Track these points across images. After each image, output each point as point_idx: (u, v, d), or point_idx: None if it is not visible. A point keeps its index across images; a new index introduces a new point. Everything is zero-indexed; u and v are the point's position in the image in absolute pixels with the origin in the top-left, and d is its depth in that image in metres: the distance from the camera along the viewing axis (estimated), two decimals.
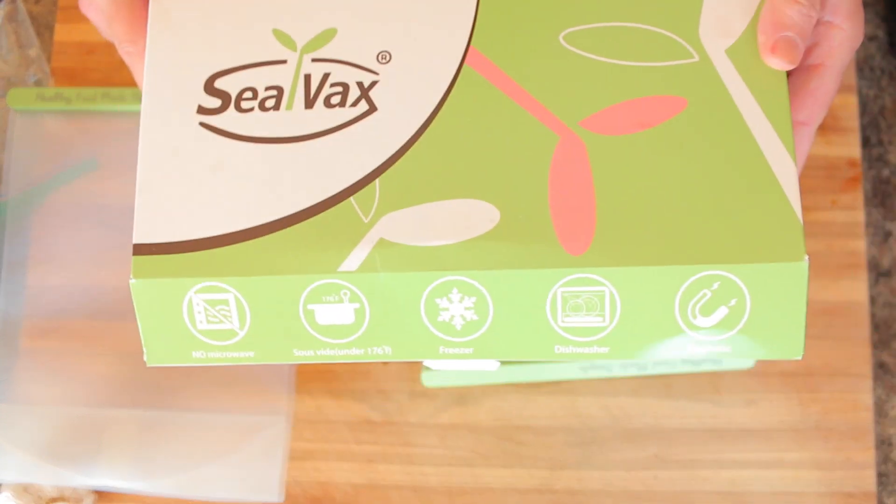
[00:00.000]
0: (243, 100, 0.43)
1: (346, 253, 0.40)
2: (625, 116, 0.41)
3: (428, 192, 0.41)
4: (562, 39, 0.42)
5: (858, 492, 0.61)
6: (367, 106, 0.42)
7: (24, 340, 0.64)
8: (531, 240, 0.39)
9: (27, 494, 0.61)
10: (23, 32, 0.69)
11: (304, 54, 0.43)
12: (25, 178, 0.66)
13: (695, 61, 0.41)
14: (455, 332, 0.41)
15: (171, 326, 0.41)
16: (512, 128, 0.41)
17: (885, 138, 0.68)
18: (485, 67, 0.42)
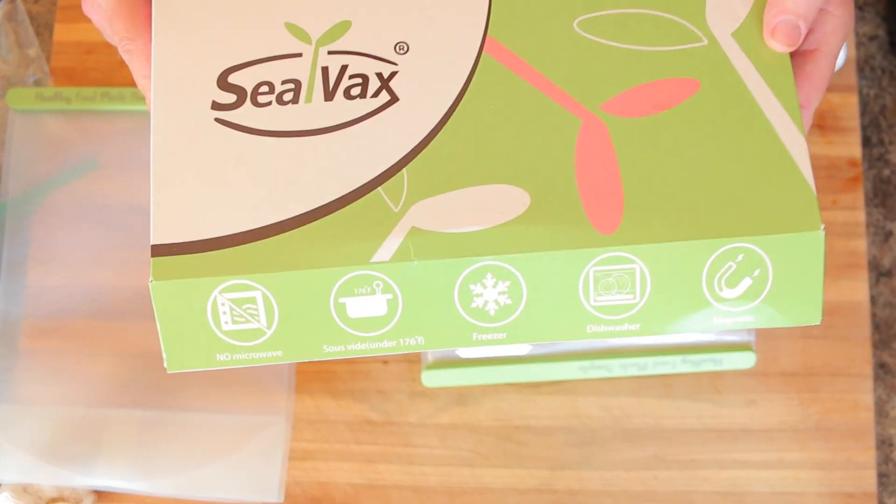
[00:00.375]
0: (260, 94, 0.43)
1: (378, 243, 0.40)
2: (642, 99, 0.42)
3: (457, 179, 0.41)
4: (576, 26, 0.44)
5: (859, 492, 0.61)
6: (388, 96, 0.42)
7: (24, 340, 0.64)
8: (563, 221, 0.40)
9: (27, 494, 0.61)
10: (22, 32, 0.69)
11: (320, 47, 0.43)
12: (25, 178, 0.66)
13: (704, 45, 0.43)
14: (489, 318, 0.41)
15: (194, 329, 0.40)
16: (535, 113, 0.42)
17: (885, 138, 0.68)
18: (503, 55, 0.43)
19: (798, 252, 0.40)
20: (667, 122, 0.42)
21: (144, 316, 0.64)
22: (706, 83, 0.42)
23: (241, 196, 0.41)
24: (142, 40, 0.44)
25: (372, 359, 0.63)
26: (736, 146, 0.41)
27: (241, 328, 0.40)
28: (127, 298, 0.64)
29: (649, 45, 0.43)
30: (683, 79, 0.43)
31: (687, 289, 0.40)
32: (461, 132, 0.42)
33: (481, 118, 0.42)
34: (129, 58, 0.45)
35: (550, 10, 0.44)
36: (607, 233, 0.40)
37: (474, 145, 0.41)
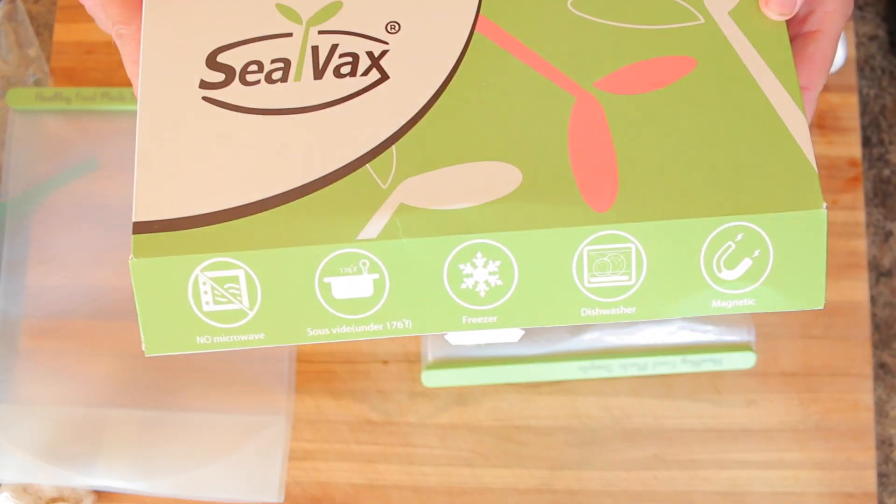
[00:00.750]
0: (248, 73, 0.42)
1: (365, 220, 0.39)
2: (638, 77, 0.42)
3: (447, 156, 0.40)
4: (570, 5, 0.43)
5: (859, 492, 0.61)
6: (378, 74, 0.42)
7: (24, 340, 0.64)
8: (555, 199, 0.39)
9: (27, 494, 0.61)
10: (22, 32, 0.69)
11: (311, 27, 0.43)
12: (25, 178, 0.66)
13: (700, 23, 0.43)
14: (479, 300, 0.40)
15: (175, 309, 0.39)
16: (527, 90, 0.41)
17: (885, 138, 0.68)
18: (495, 34, 0.43)
19: (799, 231, 0.39)
20: (663, 99, 0.41)
21: None
22: (703, 61, 0.42)
23: (225, 173, 0.40)
24: (134, 25, 0.44)
25: (372, 359, 0.63)
26: (734, 124, 0.41)
27: (223, 309, 0.39)
28: (127, 298, 0.64)
29: (645, 24, 0.43)
30: (680, 57, 0.42)
31: (684, 270, 0.39)
32: (452, 109, 0.41)
33: (473, 96, 0.41)
34: (121, 42, 0.45)
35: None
36: (602, 210, 0.39)
37: (465, 122, 0.41)
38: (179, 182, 0.40)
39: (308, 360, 0.63)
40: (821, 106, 0.67)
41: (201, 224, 0.39)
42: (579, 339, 0.62)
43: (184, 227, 0.39)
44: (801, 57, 0.44)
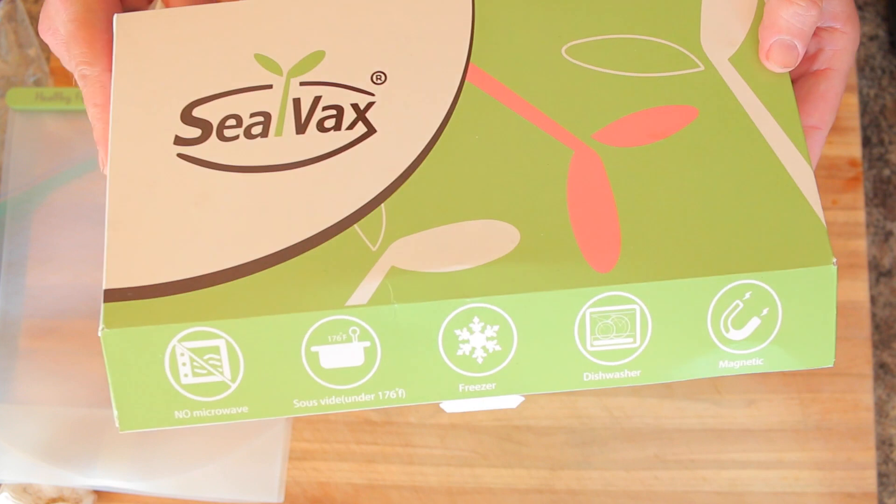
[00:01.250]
0: (226, 128, 0.40)
1: (354, 285, 0.37)
2: (637, 127, 0.40)
3: (440, 215, 0.38)
4: (564, 53, 0.41)
5: (859, 492, 0.61)
6: (364, 128, 0.40)
7: (24, 340, 0.64)
8: (556, 259, 0.37)
9: (27, 494, 0.60)
10: (22, 32, 0.69)
11: (292, 78, 0.41)
12: (25, 177, 0.66)
13: (700, 70, 0.41)
14: (476, 367, 0.38)
15: (150, 383, 0.37)
16: (523, 144, 0.39)
17: (885, 138, 0.68)
18: (487, 84, 0.41)
19: (809, 288, 0.37)
20: (664, 151, 0.39)
21: None
22: (704, 110, 0.40)
23: (203, 236, 0.38)
24: (99, 66, 0.43)
25: None
26: (738, 176, 0.39)
27: (203, 381, 0.37)
28: None
29: (643, 72, 0.41)
30: (680, 106, 0.40)
31: (691, 331, 0.38)
32: (444, 165, 0.39)
33: (465, 150, 0.39)
34: (84, 83, 0.43)
35: (537, 37, 0.42)
36: (604, 271, 0.37)
37: (458, 178, 0.39)
38: (154, 246, 0.38)
39: None
40: None
41: (178, 291, 0.37)
42: None
43: (159, 295, 0.37)
44: (814, 95, 0.43)
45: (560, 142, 0.40)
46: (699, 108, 0.40)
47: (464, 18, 0.42)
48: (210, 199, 0.39)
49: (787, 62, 0.41)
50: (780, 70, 0.41)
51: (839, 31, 0.44)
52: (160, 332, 0.36)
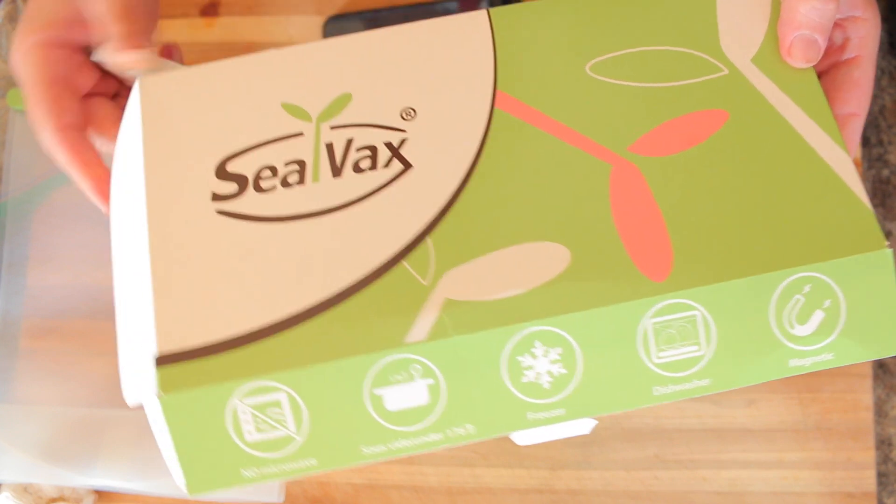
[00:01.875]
0: (262, 179, 0.40)
1: (410, 322, 0.36)
2: (671, 136, 0.40)
3: (487, 242, 0.38)
4: (589, 70, 0.41)
5: (858, 492, 0.61)
6: (401, 165, 0.40)
7: (25, 340, 0.64)
8: (609, 274, 0.37)
9: (27, 494, 0.60)
10: None
11: (322, 123, 0.41)
12: (25, 177, 0.66)
13: (724, 74, 0.41)
14: (543, 393, 0.37)
15: (214, 443, 0.36)
16: (560, 164, 0.39)
17: (885, 138, 0.68)
18: (517, 108, 0.41)
19: (866, 274, 0.37)
20: (701, 155, 0.39)
21: None
22: (734, 112, 0.40)
23: (253, 290, 0.37)
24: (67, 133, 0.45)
25: None
26: (778, 172, 0.39)
27: (267, 437, 0.36)
28: None
29: (668, 81, 0.41)
30: (710, 111, 0.40)
31: (755, 331, 0.37)
32: (484, 192, 0.39)
33: (504, 175, 0.39)
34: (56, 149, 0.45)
35: (560, 57, 0.42)
36: (660, 280, 0.37)
37: (501, 204, 0.39)
38: (203, 305, 0.37)
39: None
40: None
41: (233, 347, 0.36)
42: None
43: (214, 354, 0.36)
44: (849, 84, 0.44)
45: (597, 158, 0.40)
46: (729, 110, 0.40)
47: (485, 46, 0.42)
48: (255, 253, 0.38)
49: (810, 57, 0.41)
50: (803, 65, 0.42)
51: (861, 18, 0.44)
52: (219, 391, 0.36)
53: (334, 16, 0.68)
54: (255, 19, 0.69)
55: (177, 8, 0.69)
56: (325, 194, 0.39)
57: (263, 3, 0.69)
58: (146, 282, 0.38)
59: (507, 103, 0.41)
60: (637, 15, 0.43)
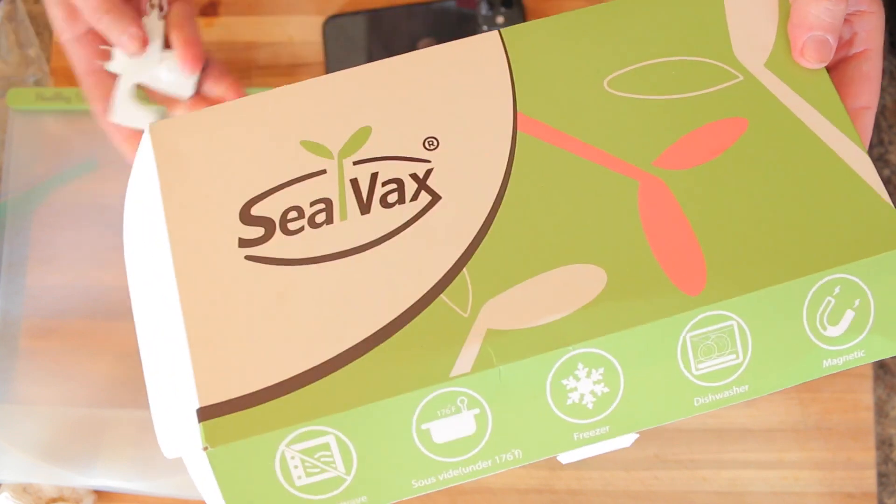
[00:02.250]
0: (289, 221, 0.39)
1: (454, 355, 0.36)
2: (694, 148, 0.40)
3: (524, 269, 0.38)
4: (606, 86, 0.42)
5: (859, 492, 0.61)
6: (429, 196, 0.39)
7: (24, 340, 0.64)
8: (646, 290, 0.37)
9: (27, 494, 0.60)
10: (22, 32, 0.69)
11: (343, 159, 0.40)
12: (25, 178, 0.66)
13: (740, 81, 0.42)
14: (587, 413, 0.37)
15: (264, 492, 0.36)
16: (588, 184, 0.39)
17: (885, 138, 0.68)
18: (539, 130, 0.41)
19: (893, 271, 0.38)
20: (724, 165, 0.40)
21: None
22: (753, 119, 0.41)
23: (290, 335, 0.37)
24: None
25: None
26: (800, 176, 0.39)
27: (317, 480, 0.36)
28: (127, 298, 0.64)
29: (685, 92, 0.41)
30: (729, 119, 0.41)
31: (790, 335, 0.38)
32: (515, 218, 0.39)
33: (533, 200, 0.39)
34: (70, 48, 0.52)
35: (576, 75, 0.42)
36: (695, 293, 0.37)
37: (533, 229, 0.39)
38: (241, 355, 0.37)
39: None
40: None
41: (276, 395, 0.36)
42: None
43: (257, 403, 0.36)
44: (859, 77, 0.44)
45: (623, 175, 0.40)
46: (747, 117, 0.41)
47: (500, 68, 0.42)
48: (289, 297, 0.38)
49: (823, 58, 0.42)
50: (816, 66, 0.42)
51: (867, 12, 0.44)
52: (267, 440, 0.35)
53: (334, 15, 0.68)
54: (255, 19, 0.69)
55: None
56: (355, 232, 0.39)
57: (263, 3, 0.69)
58: (180, 335, 0.37)
59: (528, 125, 0.41)
60: (648, 27, 0.43)
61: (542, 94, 0.41)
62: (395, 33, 0.68)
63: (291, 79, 0.67)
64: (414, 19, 0.68)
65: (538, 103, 0.41)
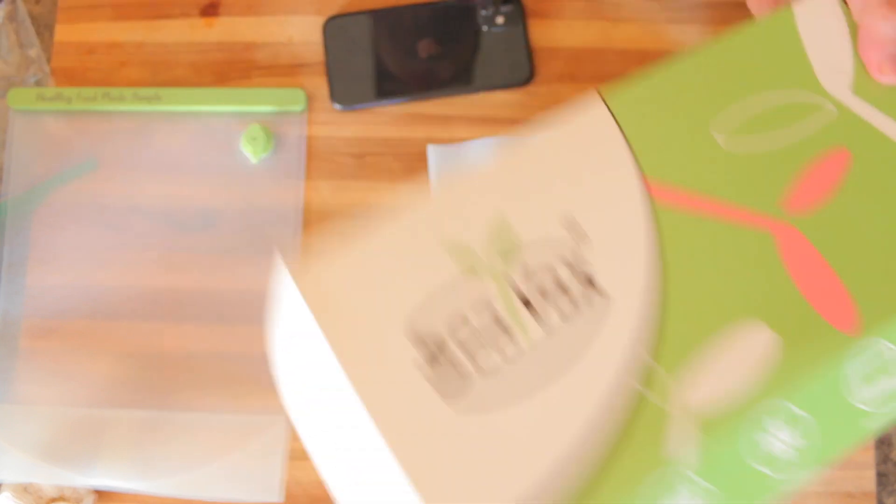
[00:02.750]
0: (459, 335, 0.38)
1: (664, 445, 0.37)
2: (810, 187, 0.41)
3: (702, 344, 0.39)
4: (713, 132, 0.42)
5: (858, 492, 0.61)
6: (597, 294, 0.39)
7: (24, 340, 0.64)
8: (812, 338, 0.39)
9: (27, 494, 0.60)
10: (23, 32, 0.69)
11: (493, 260, 0.39)
12: (25, 178, 0.66)
13: (832, 110, 0.42)
14: (788, 465, 0.39)
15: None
16: (729, 244, 0.40)
17: None
18: (668, 194, 0.41)
19: None
20: (843, 202, 0.41)
21: (144, 316, 0.64)
22: (854, 148, 0.41)
23: (500, 454, 0.36)
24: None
25: None
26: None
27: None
28: (127, 298, 0.64)
29: (785, 127, 0.42)
30: (831, 151, 0.42)
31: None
32: (679, 296, 0.39)
33: (688, 273, 0.40)
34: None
35: (682, 125, 0.42)
36: (853, 329, 0.39)
37: (697, 303, 0.39)
38: (466, 483, 0.36)
39: None
40: None
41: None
42: None
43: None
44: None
45: (757, 228, 0.41)
46: (849, 146, 0.42)
47: (615, 136, 0.42)
48: (483, 413, 0.37)
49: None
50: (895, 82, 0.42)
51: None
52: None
53: (334, 16, 0.68)
54: (255, 19, 0.69)
55: (177, 8, 0.69)
56: (533, 338, 0.38)
57: (263, 3, 0.69)
58: (396, 477, 0.37)
59: (658, 191, 0.41)
60: (735, 68, 0.43)
61: (657, 152, 0.41)
62: (395, 33, 0.68)
63: (292, 79, 0.67)
64: (414, 19, 0.68)
65: (657, 162, 0.41)
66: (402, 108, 0.67)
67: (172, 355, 0.63)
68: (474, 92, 0.67)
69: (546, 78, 0.68)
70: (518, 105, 0.67)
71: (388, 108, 0.67)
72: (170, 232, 0.65)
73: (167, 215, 0.65)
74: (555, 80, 0.68)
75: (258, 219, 0.65)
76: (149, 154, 0.67)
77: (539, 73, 0.68)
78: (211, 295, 0.64)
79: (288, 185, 0.66)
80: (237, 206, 0.65)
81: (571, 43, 0.65)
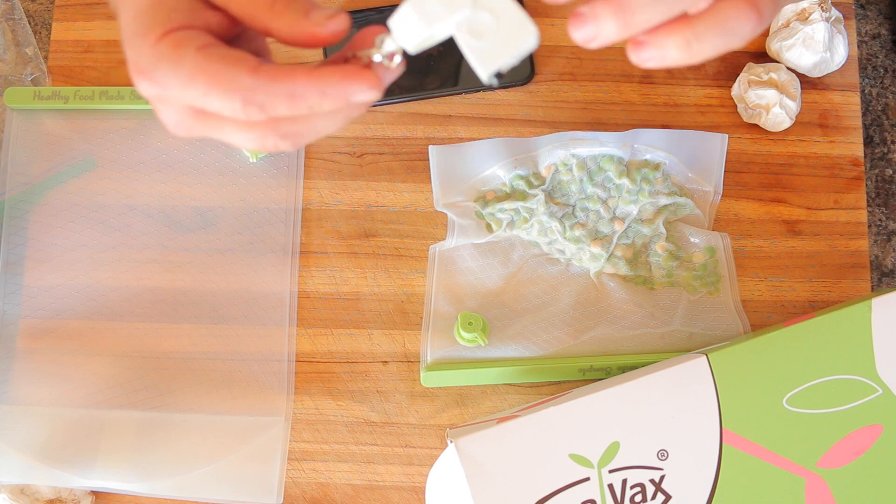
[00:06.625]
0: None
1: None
2: (844, 451, 0.54)
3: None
4: (785, 403, 0.55)
5: None
6: (663, 496, 0.53)
7: (22, 341, 0.63)
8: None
9: (24, 496, 0.60)
10: (20, 31, 0.69)
11: (601, 468, 0.53)
12: (23, 177, 0.66)
13: (879, 394, 0.55)
14: None
15: None
16: (769, 481, 0.54)
17: (887, 137, 0.68)
18: (736, 441, 0.54)
19: None
20: (866, 464, 0.54)
21: (142, 316, 0.64)
22: (888, 424, 0.54)
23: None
24: None
25: (371, 359, 0.63)
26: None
27: None
28: (125, 298, 0.64)
29: (839, 406, 0.54)
30: (868, 426, 0.54)
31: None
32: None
33: (732, 494, 0.53)
34: None
35: (763, 394, 0.54)
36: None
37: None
38: None
39: (307, 360, 0.63)
40: (823, 105, 0.66)
41: None
42: (578, 341, 0.61)
43: None
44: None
45: (794, 474, 0.54)
46: (883, 423, 0.54)
47: (709, 389, 0.55)
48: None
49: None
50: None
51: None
52: None
53: None
54: None
55: None
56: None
57: None
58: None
59: (730, 438, 0.54)
60: (816, 351, 0.55)
61: (739, 411, 0.54)
62: None
63: None
64: None
65: (736, 418, 0.54)
66: (402, 107, 0.67)
67: (170, 356, 0.63)
68: (474, 91, 0.67)
69: (546, 77, 0.67)
70: (518, 104, 0.67)
71: (388, 108, 0.67)
72: (168, 231, 0.65)
73: (165, 215, 0.65)
74: (555, 79, 0.67)
75: (257, 218, 0.65)
76: (147, 153, 0.66)
77: (539, 73, 0.67)
78: (209, 295, 0.64)
79: (286, 185, 0.65)
80: (235, 206, 0.65)
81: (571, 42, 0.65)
